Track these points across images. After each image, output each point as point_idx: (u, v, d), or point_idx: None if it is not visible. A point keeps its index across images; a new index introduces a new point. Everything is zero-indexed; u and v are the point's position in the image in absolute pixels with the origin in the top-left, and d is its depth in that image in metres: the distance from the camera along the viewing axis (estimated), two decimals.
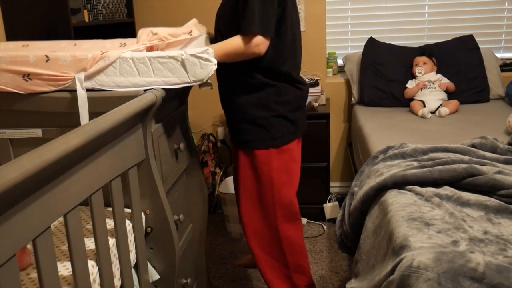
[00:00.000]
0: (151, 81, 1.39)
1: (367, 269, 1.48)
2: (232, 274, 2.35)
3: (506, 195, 1.45)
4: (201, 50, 1.39)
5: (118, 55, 1.36)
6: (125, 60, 1.36)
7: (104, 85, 1.37)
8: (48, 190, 0.87)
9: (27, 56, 1.32)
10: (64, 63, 1.33)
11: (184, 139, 1.75)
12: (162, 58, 1.37)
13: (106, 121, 1.03)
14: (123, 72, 1.37)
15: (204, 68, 1.40)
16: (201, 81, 1.43)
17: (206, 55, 1.40)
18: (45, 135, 1.36)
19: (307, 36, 3.07)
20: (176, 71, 1.39)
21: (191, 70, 1.39)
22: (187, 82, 1.41)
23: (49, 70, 1.32)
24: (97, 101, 1.33)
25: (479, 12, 3.06)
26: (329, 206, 2.81)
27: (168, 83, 1.40)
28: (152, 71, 1.38)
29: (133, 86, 1.38)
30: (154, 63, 1.37)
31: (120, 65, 1.36)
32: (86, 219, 1.33)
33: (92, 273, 1.09)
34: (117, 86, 1.37)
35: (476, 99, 2.76)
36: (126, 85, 1.38)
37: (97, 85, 1.37)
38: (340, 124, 3.17)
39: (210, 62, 1.41)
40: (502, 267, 1.08)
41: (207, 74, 1.41)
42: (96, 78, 1.36)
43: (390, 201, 1.49)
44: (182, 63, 1.38)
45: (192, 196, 1.88)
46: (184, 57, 1.38)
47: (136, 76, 1.38)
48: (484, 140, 1.80)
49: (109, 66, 1.35)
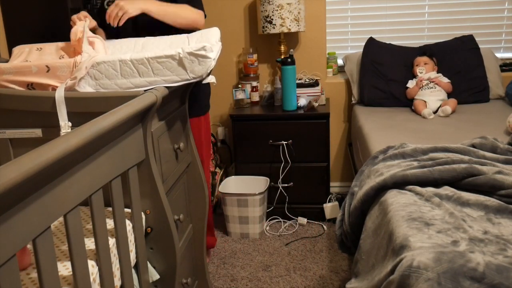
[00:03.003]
0: (151, 80, 1.41)
1: (367, 269, 1.48)
2: (232, 274, 2.35)
3: (506, 195, 1.45)
4: (198, 48, 1.41)
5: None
6: (125, 62, 1.39)
7: (108, 88, 1.41)
8: (48, 190, 0.87)
9: (30, 67, 1.41)
10: (63, 73, 1.41)
11: (184, 139, 1.75)
12: (160, 58, 1.40)
13: (106, 121, 1.03)
14: (124, 74, 1.40)
15: (202, 64, 1.42)
16: (201, 77, 1.44)
17: (203, 52, 1.41)
18: (45, 135, 1.36)
19: (307, 36, 3.07)
20: (175, 69, 1.42)
21: (190, 67, 1.41)
22: (186, 79, 1.43)
23: (50, 80, 1.41)
24: (97, 101, 1.33)
25: (479, 12, 3.06)
26: (329, 206, 2.81)
27: (169, 81, 1.42)
28: (152, 71, 1.41)
29: (135, 86, 1.42)
30: (153, 63, 1.40)
31: (121, 67, 1.39)
32: (86, 219, 1.33)
33: (92, 273, 1.09)
34: (120, 88, 1.41)
35: (476, 99, 2.76)
36: (128, 86, 1.42)
37: (101, 89, 1.41)
38: (340, 124, 3.17)
39: (208, 58, 1.42)
40: (502, 267, 1.08)
41: (206, 70, 1.43)
42: (100, 82, 1.41)
43: (390, 201, 1.49)
44: (180, 62, 1.40)
45: (192, 196, 1.89)
46: (182, 55, 1.40)
47: (137, 77, 1.41)
48: (484, 140, 1.80)
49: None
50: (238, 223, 2.71)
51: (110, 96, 1.34)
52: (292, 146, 2.76)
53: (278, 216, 2.90)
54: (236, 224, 2.72)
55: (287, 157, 2.77)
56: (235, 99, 2.91)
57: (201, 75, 1.44)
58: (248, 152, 2.82)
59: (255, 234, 2.71)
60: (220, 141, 3.19)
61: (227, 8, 3.07)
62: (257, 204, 2.63)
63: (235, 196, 2.64)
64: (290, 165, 2.78)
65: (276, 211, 2.89)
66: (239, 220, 2.69)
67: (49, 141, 0.85)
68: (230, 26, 3.09)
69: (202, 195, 1.90)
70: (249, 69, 3.00)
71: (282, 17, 2.74)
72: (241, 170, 2.85)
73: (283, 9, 2.72)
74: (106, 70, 1.40)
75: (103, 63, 1.40)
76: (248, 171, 2.84)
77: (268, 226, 2.84)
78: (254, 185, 2.78)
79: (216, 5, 3.08)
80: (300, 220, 2.84)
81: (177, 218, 1.60)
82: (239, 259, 2.49)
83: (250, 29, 3.09)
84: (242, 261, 2.47)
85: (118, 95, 1.34)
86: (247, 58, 2.99)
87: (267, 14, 2.76)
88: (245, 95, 2.92)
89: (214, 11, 3.08)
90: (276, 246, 2.61)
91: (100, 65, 1.40)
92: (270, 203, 2.87)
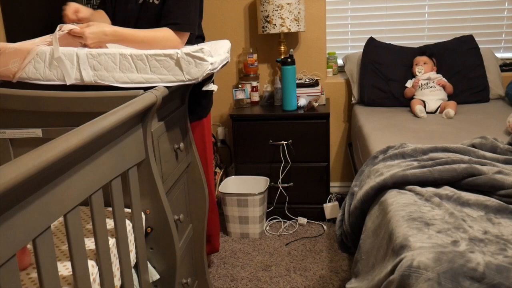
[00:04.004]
0: (148, 78, 1.42)
1: (367, 269, 1.48)
2: (232, 274, 2.35)
3: (506, 195, 1.45)
4: (196, 49, 1.41)
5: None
6: (125, 56, 1.40)
7: (105, 80, 1.42)
8: (48, 190, 0.87)
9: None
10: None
11: (184, 139, 1.75)
12: (158, 56, 1.40)
13: (106, 121, 1.03)
14: (122, 68, 1.41)
15: (199, 67, 1.41)
16: (196, 80, 1.44)
17: (200, 54, 1.41)
18: (45, 135, 1.36)
19: (307, 36, 3.07)
20: (171, 69, 1.42)
21: (186, 68, 1.41)
22: (182, 81, 1.43)
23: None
24: (97, 101, 1.33)
25: (479, 12, 3.06)
26: (329, 206, 2.81)
27: (164, 80, 1.42)
28: (149, 68, 1.41)
29: (131, 82, 1.42)
30: (151, 61, 1.41)
31: (120, 61, 1.40)
32: (86, 219, 1.33)
33: (92, 273, 1.09)
34: (116, 81, 1.42)
35: (476, 99, 2.76)
36: (124, 80, 1.42)
37: (98, 79, 1.41)
38: (340, 124, 3.17)
39: (205, 61, 1.41)
40: (502, 267, 1.08)
41: (202, 73, 1.43)
42: (97, 73, 1.41)
43: (390, 201, 1.49)
44: (177, 62, 1.40)
45: (192, 196, 1.89)
46: (179, 56, 1.40)
47: (134, 72, 1.41)
48: (484, 140, 1.80)
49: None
50: (238, 223, 2.71)
51: (110, 96, 1.34)
52: (292, 146, 2.76)
53: (278, 216, 2.90)
54: (236, 224, 2.72)
55: (287, 157, 2.77)
56: (235, 99, 2.91)
57: (196, 78, 1.43)
58: (248, 152, 2.82)
59: (255, 234, 2.71)
60: (220, 141, 3.19)
61: (227, 8, 3.07)
62: (257, 204, 2.63)
63: (235, 196, 2.65)
64: (290, 165, 2.78)
65: (276, 211, 2.89)
66: (239, 220, 2.70)
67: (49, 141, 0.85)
68: (230, 26, 3.09)
69: (202, 195, 1.90)
70: (249, 69, 3.00)
71: (282, 17, 2.74)
72: (241, 170, 2.85)
73: (283, 9, 2.73)
74: (105, 62, 1.40)
75: (104, 55, 1.40)
76: (248, 171, 2.84)
77: (268, 226, 2.84)
78: (254, 185, 2.78)
79: (216, 5, 3.08)
80: (300, 220, 2.84)
81: (177, 218, 1.60)
82: (239, 259, 2.49)
83: (250, 29, 3.09)
84: (242, 261, 2.47)
85: (118, 95, 1.34)
86: (247, 58, 2.99)
87: (267, 14, 2.76)
88: (245, 95, 2.92)
89: (214, 11, 3.08)
90: (276, 246, 2.61)
91: (101, 56, 1.40)
92: (270, 203, 2.87)
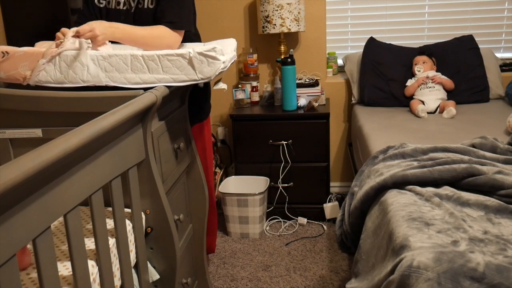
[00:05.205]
0: (160, 78, 1.42)
1: (367, 269, 1.48)
2: (232, 274, 2.35)
3: (506, 195, 1.45)
4: (208, 48, 1.42)
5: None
6: (136, 57, 1.41)
7: (117, 81, 1.42)
8: (48, 190, 0.87)
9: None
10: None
11: (184, 139, 1.75)
12: (170, 56, 1.41)
13: (106, 121, 1.03)
14: (134, 69, 1.42)
15: (211, 66, 1.42)
16: (209, 79, 1.45)
17: (213, 53, 1.42)
18: (45, 135, 1.36)
19: (307, 36, 3.07)
20: (184, 69, 1.43)
21: (199, 67, 1.42)
22: (194, 80, 1.44)
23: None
24: (97, 101, 1.33)
25: (479, 12, 3.06)
26: (329, 206, 2.81)
27: (177, 80, 1.43)
28: (161, 68, 1.42)
29: (143, 82, 1.42)
30: (163, 61, 1.41)
31: (132, 62, 1.41)
32: (86, 219, 1.33)
33: (92, 273, 1.09)
34: (128, 82, 1.42)
35: (476, 99, 2.76)
36: (136, 81, 1.42)
37: (110, 81, 1.42)
38: (340, 124, 3.17)
39: (217, 60, 1.42)
40: (502, 267, 1.08)
41: (214, 72, 1.44)
42: (109, 74, 1.41)
43: (390, 201, 1.49)
44: (190, 61, 1.41)
45: (192, 196, 1.89)
46: (192, 55, 1.41)
47: (146, 73, 1.42)
48: (484, 140, 1.80)
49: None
50: (238, 223, 2.71)
51: (110, 96, 1.34)
52: (292, 146, 2.76)
53: (278, 216, 2.90)
54: (236, 224, 2.72)
55: (287, 157, 2.77)
56: (235, 99, 2.91)
57: (209, 77, 1.44)
58: (248, 152, 2.82)
59: (255, 234, 2.71)
60: (220, 141, 3.19)
61: (227, 8, 3.07)
62: (257, 204, 2.64)
63: (235, 196, 2.65)
64: (290, 165, 2.78)
65: (276, 211, 2.89)
66: (239, 220, 2.70)
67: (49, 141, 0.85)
68: (230, 26, 3.09)
69: (202, 195, 1.90)
70: (249, 69, 3.00)
71: (282, 17, 2.74)
72: (241, 170, 2.85)
73: (283, 9, 2.72)
74: (117, 63, 1.41)
75: (115, 56, 1.41)
76: (248, 171, 2.84)
77: (268, 226, 2.84)
78: (254, 185, 2.78)
79: (216, 5, 3.08)
80: (300, 220, 2.84)
81: (177, 218, 1.60)
82: (239, 259, 2.49)
83: (250, 29, 3.09)
84: (242, 261, 2.47)
85: (118, 95, 1.34)
86: (247, 58, 2.99)
87: (267, 14, 2.76)
88: (245, 95, 2.92)
89: (214, 11, 3.08)
90: (276, 246, 2.61)
91: (112, 58, 1.41)
92: (270, 203, 2.87)
